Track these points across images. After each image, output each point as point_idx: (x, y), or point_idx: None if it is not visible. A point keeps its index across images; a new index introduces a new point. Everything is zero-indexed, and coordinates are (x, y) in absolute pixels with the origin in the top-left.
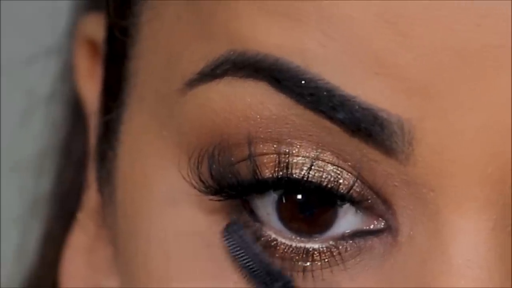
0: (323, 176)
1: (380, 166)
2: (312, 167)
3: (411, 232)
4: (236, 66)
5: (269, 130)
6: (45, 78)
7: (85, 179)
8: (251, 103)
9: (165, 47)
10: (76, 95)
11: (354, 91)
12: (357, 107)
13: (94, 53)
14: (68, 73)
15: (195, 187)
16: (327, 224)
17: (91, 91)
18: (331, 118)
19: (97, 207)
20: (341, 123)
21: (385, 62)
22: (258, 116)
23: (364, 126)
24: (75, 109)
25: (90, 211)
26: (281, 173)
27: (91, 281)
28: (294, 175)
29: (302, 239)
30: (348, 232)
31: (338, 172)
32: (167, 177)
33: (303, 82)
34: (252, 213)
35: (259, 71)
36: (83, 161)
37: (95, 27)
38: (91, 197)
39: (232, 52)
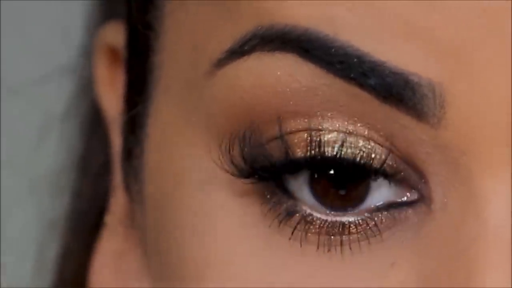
0: (356, 152)
1: (412, 131)
2: (344, 144)
3: (445, 199)
4: (264, 40)
5: (299, 104)
6: (60, 97)
7: (106, 193)
8: (280, 76)
9: (190, 34)
10: (91, 112)
11: (384, 56)
12: (387, 72)
13: (114, 61)
14: (83, 91)
15: (227, 171)
16: (361, 197)
17: (111, 100)
18: (362, 85)
19: (124, 209)
20: (372, 89)
21: (414, 25)
22: (288, 90)
23: (396, 90)
24: (90, 126)
25: (118, 213)
26: (313, 152)
27: (121, 285)
28: (327, 153)
29: (337, 213)
30: (382, 204)
31: (370, 147)
32: (197, 164)
33: (332, 50)
34: (286, 191)
35: (287, 42)
36: (100, 178)
37: (115, 33)
38: (118, 199)
39: (259, 27)
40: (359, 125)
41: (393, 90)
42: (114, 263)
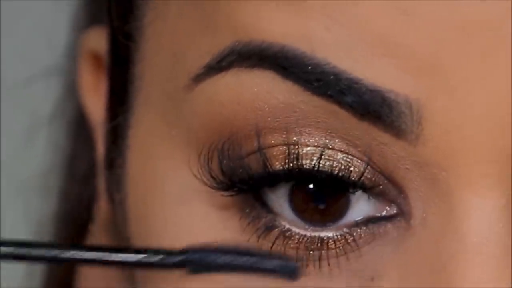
0: (334, 165)
1: (390, 148)
2: (322, 157)
3: (424, 215)
4: (241, 57)
5: (277, 120)
6: (46, 98)
7: (93, 194)
8: (258, 92)
9: (169, 46)
10: (78, 113)
11: (361, 74)
12: (364, 89)
13: (98, 67)
14: (69, 92)
15: (206, 184)
16: (340, 212)
17: (96, 105)
18: (339, 102)
19: (108, 217)
20: (349, 107)
21: (391, 43)
22: (266, 106)
23: (373, 108)
24: (77, 127)
25: (102, 222)
26: (291, 164)
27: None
28: (305, 166)
29: (316, 228)
30: (361, 219)
31: (349, 159)
32: (177, 176)
33: (309, 67)
34: (265, 205)
35: (265, 59)
36: (87, 179)
37: (98, 39)
38: (101, 208)
39: (237, 43)
40: (337, 140)
41: (370, 107)
42: (99, 271)
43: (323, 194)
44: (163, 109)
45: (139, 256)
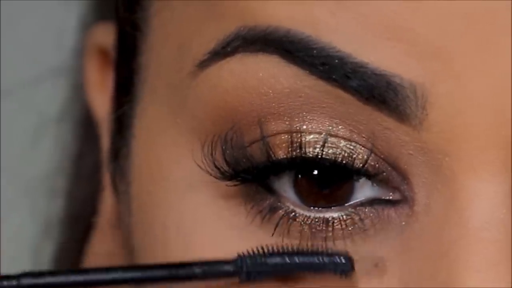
0: (337, 152)
1: (394, 133)
2: (326, 144)
3: (427, 201)
4: (247, 42)
5: (282, 105)
6: (53, 99)
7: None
8: (263, 77)
9: (176, 35)
10: (84, 113)
11: (366, 58)
12: (369, 73)
13: (104, 63)
14: (76, 92)
15: (210, 174)
16: (344, 198)
17: (102, 101)
18: (344, 87)
19: (112, 209)
20: (354, 91)
21: (397, 27)
22: (270, 91)
23: (378, 92)
24: (84, 127)
25: (107, 214)
26: (294, 153)
27: None
28: (308, 154)
29: (321, 209)
30: (365, 199)
31: (352, 147)
32: (182, 164)
33: (314, 52)
34: (270, 190)
35: (270, 44)
36: (94, 180)
37: (106, 34)
38: (106, 200)
39: (242, 28)
40: (340, 126)
41: (375, 91)
42: (104, 264)
43: (327, 181)
44: (168, 97)
45: (190, 270)
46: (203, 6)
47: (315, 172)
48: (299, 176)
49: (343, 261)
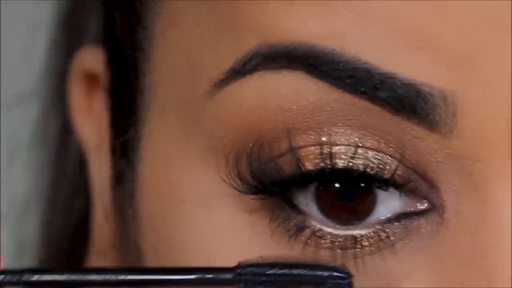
0: (366, 163)
1: (423, 142)
2: (354, 156)
3: (457, 207)
4: (267, 59)
5: (307, 120)
6: (24, 123)
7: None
8: (287, 94)
9: (186, 54)
10: (57, 136)
11: (393, 68)
12: (398, 83)
13: (90, 87)
14: (48, 116)
15: (235, 188)
16: (367, 210)
17: (88, 128)
18: (373, 98)
19: (116, 236)
20: (383, 102)
21: (423, 35)
22: (294, 107)
23: (408, 102)
24: (57, 153)
25: (105, 241)
26: (322, 164)
27: None
28: (337, 165)
29: (347, 227)
30: (392, 216)
31: (380, 157)
32: (198, 182)
33: (340, 65)
34: (293, 206)
35: (294, 60)
36: (69, 205)
37: (92, 58)
38: (103, 226)
39: (261, 45)
40: (368, 138)
41: (405, 101)
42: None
43: (350, 193)
44: (180, 117)
45: (191, 276)
46: (217, 24)
47: (337, 184)
48: (321, 189)
49: (342, 275)
